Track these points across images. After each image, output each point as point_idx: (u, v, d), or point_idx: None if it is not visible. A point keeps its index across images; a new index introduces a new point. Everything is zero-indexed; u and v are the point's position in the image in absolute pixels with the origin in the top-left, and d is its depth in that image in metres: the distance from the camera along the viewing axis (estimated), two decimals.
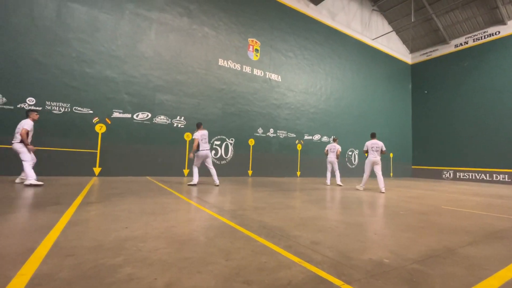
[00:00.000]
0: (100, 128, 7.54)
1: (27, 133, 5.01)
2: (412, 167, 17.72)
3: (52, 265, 1.45)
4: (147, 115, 8.30)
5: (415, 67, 18.08)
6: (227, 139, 9.84)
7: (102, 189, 4.75)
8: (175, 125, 8.78)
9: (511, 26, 14.14)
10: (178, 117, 8.85)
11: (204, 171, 7.18)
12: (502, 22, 14.29)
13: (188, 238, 2.05)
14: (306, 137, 12.12)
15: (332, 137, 12.46)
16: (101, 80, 7.61)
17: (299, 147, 11.84)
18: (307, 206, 4.00)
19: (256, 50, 10.82)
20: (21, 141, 4.95)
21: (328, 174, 8.30)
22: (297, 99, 12.00)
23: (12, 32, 6.56)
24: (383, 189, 6.35)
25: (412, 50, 18.16)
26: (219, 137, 9.68)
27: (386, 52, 16.54)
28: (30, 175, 4.81)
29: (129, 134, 7.95)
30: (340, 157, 13.49)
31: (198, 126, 6.24)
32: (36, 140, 6.67)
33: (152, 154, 8.25)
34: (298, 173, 11.75)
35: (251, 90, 10.59)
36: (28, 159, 4.94)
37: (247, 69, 10.56)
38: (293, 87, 11.89)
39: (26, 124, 5.00)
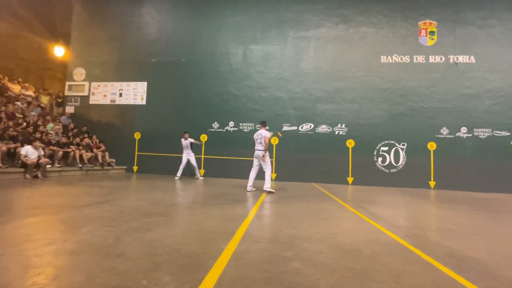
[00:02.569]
0: (275, 141, 9.02)
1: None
2: None
3: (244, 246, 1.93)
4: (310, 126, 8.95)
5: None
6: (396, 144, 8.57)
7: (277, 192, 5.63)
8: (336, 132, 8.84)
9: None
10: (339, 124, 8.84)
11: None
12: None
13: (351, 248, 2.00)
14: None
15: None
16: (273, 101, 9.15)
17: None
18: None
19: (432, 32, 8.77)
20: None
21: None
22: (509, 82, 8.37)
23: (219, 77, 9.44)
24: None
25: None
26: (386, 142, 8.63)
27: None
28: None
29: (296, 144, 8.91)
30: None
31: (263, 125, 5.80)
32: (234, 152, 9.02)
33: (316, 162, 8.75)
34: None
35: (427, 83, 8.66)
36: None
37: (420, 58, 8.78)
38: (498, 66, 8.45)
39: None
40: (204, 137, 9.23)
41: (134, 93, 9.80)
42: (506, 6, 8.57)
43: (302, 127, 8.98)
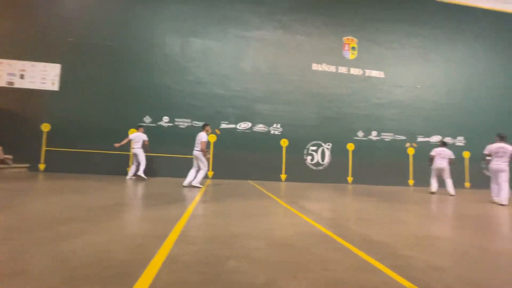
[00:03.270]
0: (212, 138, 8.86)
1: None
2: None
3: (179, 249, 1.81)
4: (248, 125, 9.14)
5: None
6: (323, 144, 9.55)
7: (214, 190, 5.55)
8: (272, 132, 9.28)
9: None
10: (275, 124, 9.31)
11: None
12: None
13: (286, 242, 2.11)
14: (420, 139, 10.23)
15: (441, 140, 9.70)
16: (212, 97, 8.98)
17: (410, 151, 10.11)
18: (423, 221, 3.36)
19: (353, 48, 10.10)
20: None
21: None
22: (407, 96, 10.33)
23: (152, 67, 8.71)
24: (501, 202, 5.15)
25: None
26: (314, 142, 9.52)
27: None
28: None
29: (234, 142, 8.97)
30: (472, 163, 10.63)
31: (203, 128, 6.19)
32: (168, 149, 8.49)
33: (252, 160, 9.00)
34: (411, 182, 10.00)
35: (348, 91, 9.93)
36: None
37: (343, 69, 9.99)
38: (401, 82, 10.34)
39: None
40: (133, 132, 8.38)
41: (42, 76, 8.14)
42: (406, 34, 10.53)
43: (240, 126, 9.09)
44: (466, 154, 10.68)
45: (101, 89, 8.36)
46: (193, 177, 5.90)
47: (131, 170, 7.32)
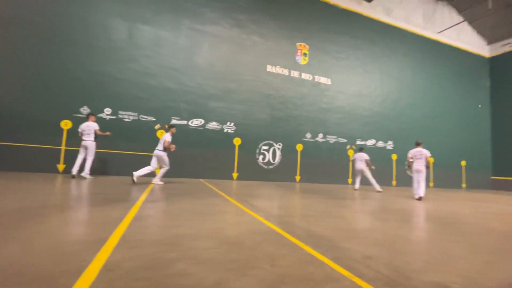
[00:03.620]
0: (161, 134, 8.36)
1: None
2: (492, 178, 15.05)
3: (120, 254, 1.66)
4: (201, 122, 8.90)
5: (495, 61, 15.45)
6: (274, 144, 9.88)
7: (161, 189, 5.24)
8: (225, 130, 9.21)
9: None
10: (228, 123, 9.26)
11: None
12: None
13: (235, 241, 2.11)
14: (358, 142, 11.39)
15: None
16: (162, 91, 8.47)
17: (350, 152, 11.18)
18: (360, 216, 3.74)
19: (305, 54, 10.68)
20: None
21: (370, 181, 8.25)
22: (349, 102, 11.40)
23: (95, 52, 7.80)
24: (416, 196, 6.41)
25: (490, 41, 15.59)
26: (266, 142, 9.78)
27: (455, 46, 14.55)
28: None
29: (185, 139, 8.62)
30: (398, 164, 12.28)
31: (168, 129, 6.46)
32: (111, 144, 7.73)
33: (204, 158, 8.79)
34: (350, 180, 11.08)
35: (299, 95, 10.47)
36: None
37: (295, 73, 10.50)
38: (344, 89, 11.35)
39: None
40: (67, 124, 7.39)
41: None
42: (350, 46, 11.60)
43: (192, 122, 8.79)
44: (394, 156, 12.29)
45: (28, 72, 7.13)
46: (144, 172, 5.90)
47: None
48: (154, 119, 8.31)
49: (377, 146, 11.85)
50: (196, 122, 8.84)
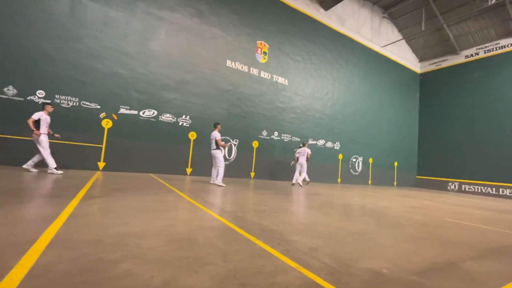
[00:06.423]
0: (107, 124, 7.62)
1: (34, 122, 5.56)
2: (417, 177, 17.51)
3: (51, 256, 1.47)
4: (153, 113, 8.37)
5: (424, 76, 17.93)
6: (231, 140, 9.85)
7: (105, 184, 4.80)
8: (180, 123, 8.84)
9: None
10: (184, 116, 8.90)
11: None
12: None
13: (187, 237, 2.05)
14: (310, 142, 12.09)
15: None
16: (110, 76, 7.70)
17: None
18: (308, 211, 3.98)
19: (264, 52, 10.85)
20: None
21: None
22: (303, 103, 11.98)
23: (26, 25, 6.69)
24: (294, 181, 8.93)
25: (421, 59, 18.01)
26: (223, 137, 9.69)
27: (395, 60, 16.44)
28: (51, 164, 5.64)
29: (135, 131, 8.02)
30: (344, 163, 13.41)
31: (214, 126, 7.11)
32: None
33: (156, 152, 8.31)
34: None
35: (257, 92, 10.61)
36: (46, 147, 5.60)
37: (255, 71, 10.60)
38: (299, 91, 11.88)
39: (36, 115, 5.61)
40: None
41: None
42: (308, 51, 12.16)
43: (144, 113, 8.21)
44: (340, 156, 13.37)
45: None
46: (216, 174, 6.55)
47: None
48: (98, 107, 7.52)
49: (326, 146, 12.74)
50: (148, 113, 8.28)
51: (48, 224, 2.04)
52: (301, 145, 9.88)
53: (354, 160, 13.97)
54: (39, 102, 6.74)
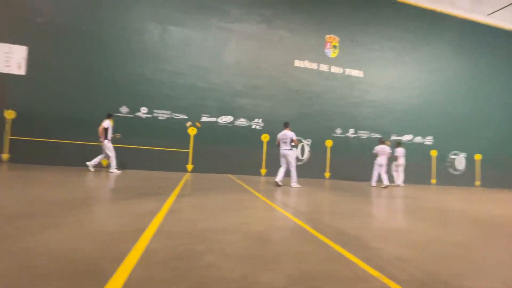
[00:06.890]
0: (192, 131, 8.70)
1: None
2: None
3: (156, 244, 1.78)
4: (230, 118, 9.08)
5: None
6: (303, 140, 9.74)
7: (193, 184, 5.48)
8: (253, 126, 9.29)
9: None
10: (256, 119, 9.32)
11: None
12: None
13: (262, 236, 2.15)
14: (392, 138, 10.75)
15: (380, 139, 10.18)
16: (192, 89, 8.78)
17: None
18: (394, 215, 3.56)
19: (334, 46, 10.30)
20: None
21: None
22: (381, 96, 10.78)
23: (129, 56, 8.33)
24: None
25: None
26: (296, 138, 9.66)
27: (508, 29, 12.94)
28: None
29: (215, 136, 8.88)
30: (439, 161, 11.38)
31: (285, 126, 6.59)
32: (146, 141, 8.24)
33: (233, 154, 8.98)
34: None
35: (328, 89, 10.16)
36: None
37: (324, 67, 10.18)
38: (377, 82, 10.75)
39: (105, 123, 6.81)
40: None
41: (6, 58, 7.50)
42: (386, 37, 10.91)
43: (221, 119, 9.00)
44: (434, 153, 11.40)
45: (72, 75, 7.86)
46: (282, 175, 6.23)
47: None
48: (185, 117, 8.67)
49: (414, 142, 11.08)
50: (225, 119, 9.04)
51: (153, 217, 2.49)
52: (387, 142, 8.84)
53: (453, 156, 11.67)
54: (144, 117, 8.27)
